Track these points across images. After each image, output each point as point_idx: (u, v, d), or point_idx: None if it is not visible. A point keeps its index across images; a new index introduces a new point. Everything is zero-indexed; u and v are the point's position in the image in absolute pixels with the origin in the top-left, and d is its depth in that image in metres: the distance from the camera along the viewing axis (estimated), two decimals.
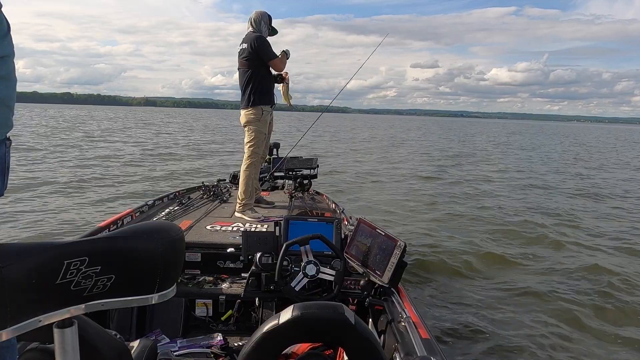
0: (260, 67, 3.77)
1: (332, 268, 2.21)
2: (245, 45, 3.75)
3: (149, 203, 3.74)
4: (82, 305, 0.71)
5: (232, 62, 3.96)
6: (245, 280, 2.45)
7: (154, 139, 22.88)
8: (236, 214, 3.70)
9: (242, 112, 3.85)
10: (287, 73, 4.06)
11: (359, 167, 13.98)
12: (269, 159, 5.23)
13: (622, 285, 4.58)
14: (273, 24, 3.95)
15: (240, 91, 3.93)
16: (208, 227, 3.23)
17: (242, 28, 4.00)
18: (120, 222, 3.06)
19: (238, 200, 3.75)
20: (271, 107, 3.91)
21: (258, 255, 2.34)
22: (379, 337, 1.96)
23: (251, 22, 3.85)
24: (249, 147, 3.84)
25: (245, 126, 3.85)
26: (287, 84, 4.12)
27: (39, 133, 22.91)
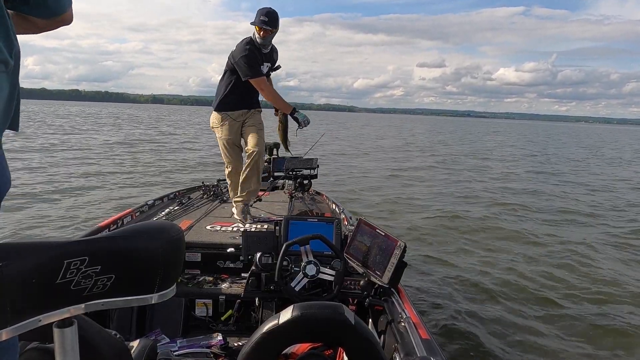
0: (235, 71, 3.39)
1: (332, 268, 2.21)
2: (234, 48, 3.43)
3: (149, 203, 3.74)
4: (82, 305, 0.71)
5: None
6: (245, 280, 2.45)
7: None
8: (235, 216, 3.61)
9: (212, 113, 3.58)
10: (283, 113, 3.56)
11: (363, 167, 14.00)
12: (269, 159, 5.23)
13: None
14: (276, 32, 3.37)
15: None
16: (208, 227, 3.23)
17: (250, 26, 3.50)
18: (121, 222, 3.06)
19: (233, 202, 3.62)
20: (241, 112, 3.49)
21: (258, 255, 2.34)
22: (379, 338, 1.97)
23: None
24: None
25: (213, 130, 3.61)
26: (284, 124, 3.58)
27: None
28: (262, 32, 3.29)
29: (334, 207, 4.02)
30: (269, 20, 3.27)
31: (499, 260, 5.33)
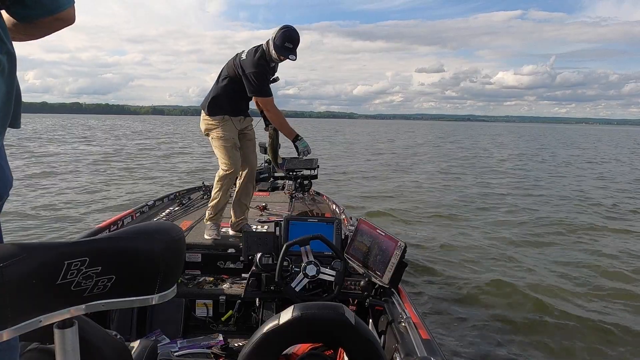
0: (239, 80, 3.07)
1: (332, 268, 2.21)
2: (244, 57, 3.04)
3: (149, 204, 3.74)
4: (83, 306, 0.71)
5: None
6: (245, 281, 2.45)
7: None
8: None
9: (202, 116, 3.21)
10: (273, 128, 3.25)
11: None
12: (269, 159, 5.24)
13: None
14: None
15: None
16: None
17: (249, 35, 3.30)
18: (121, 223, 3.06)
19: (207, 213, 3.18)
20: (239, 118, 3.20)
21: (258, 255, 2.34)
22: (379, 338, 1.96)
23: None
24: (218, 159, 3.15)
25: (206, 134, 3.21)
26: (274, 140, 3.28)
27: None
28: (282, 58, 2.99)
29: (334, 207, 4.02)
30: (293, 47, 2.95)
31: (499, 261, 5.32)
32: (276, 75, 3.25)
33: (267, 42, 3.00)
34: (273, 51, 2.95)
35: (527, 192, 10.58)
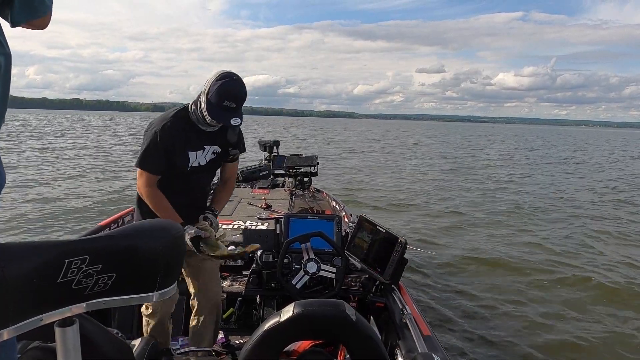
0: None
1: (333, 265, 2.21)
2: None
3: None
4: (84, 304, 0.71)
5: (240, 68, 2.70)
6: (246, 278, 2.45)
7: None
8: None
9: None
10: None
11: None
12: (269, 156, 5.23)
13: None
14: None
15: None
16: None
17: (250, 34, 2.81)
18: (121, 221, 3.06)
19: None
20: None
21: (259, 253, 2.34)
22: (380, 334, 1.97)
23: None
24: None
25: None
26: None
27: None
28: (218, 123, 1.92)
29: (334, 204, 4.02)
30: (237, 107, 1.86)
31: (501, 256, 5.33)
32: (233, 149, 2.11)
33: (199, 96, 1.92)
34: (206, 112, 1.87)
35: (534, 190, 10.58)
